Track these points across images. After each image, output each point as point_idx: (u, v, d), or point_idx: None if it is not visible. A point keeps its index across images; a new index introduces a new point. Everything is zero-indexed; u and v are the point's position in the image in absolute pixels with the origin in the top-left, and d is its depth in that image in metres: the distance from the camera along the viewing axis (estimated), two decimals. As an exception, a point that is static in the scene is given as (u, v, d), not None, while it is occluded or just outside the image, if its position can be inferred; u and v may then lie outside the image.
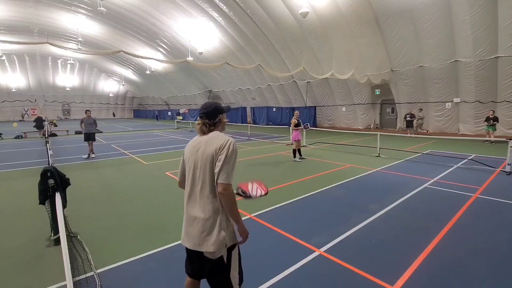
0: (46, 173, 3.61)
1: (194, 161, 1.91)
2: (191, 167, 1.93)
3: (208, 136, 1.92)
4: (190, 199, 1.95)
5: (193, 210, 1.91)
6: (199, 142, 1.94)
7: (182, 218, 5.22)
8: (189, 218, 1.94)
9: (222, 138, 1.85)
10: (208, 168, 1.83)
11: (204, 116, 1.96)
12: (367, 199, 5.38)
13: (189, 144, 2.03)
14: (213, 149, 1.82)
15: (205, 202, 1.85)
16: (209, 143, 1.86)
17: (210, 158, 1.82)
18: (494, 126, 12.86)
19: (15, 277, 3.01)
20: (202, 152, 1.87)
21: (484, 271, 3.01)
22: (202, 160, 1.85)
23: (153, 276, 2.98)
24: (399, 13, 14.13)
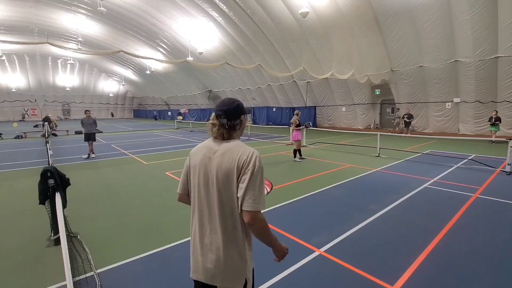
0: (46, 173, 3.61)
1: (205, 173, 1.52)
2: (201, 180, 1.54)
3: (226, 145, 1.52)
4: (200, 221, 1.55)
5: (205, 235, 1.52)
6: (213, 150, 1.53)
7: (182, 218, 5.23)
8: (200, 245, 1.54)
9: (245, 151, 1.47)
10: (227, 187, 1.45)
11: (223, 115, 1.55)
12: (367, 199, 5.38)
13: (197, 149, 1.63)
14: (234, 164, 1.44)
15: (223, 228, 1.47)
16: (227, 155, 1.47)
17: (230, 175, 1.44)
18: (497, 126, 12.85)
19: (15, 277, 3.01)
20: (217, 165, 1.48)
21: (484, 271, 3.01)
22: (219, 175, 1.46)
23: (153, 276, 2.98)
24: (399, 13, 14.13)
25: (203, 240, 1.52)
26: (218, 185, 1.47)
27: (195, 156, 1.62)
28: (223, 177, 1.45)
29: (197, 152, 1.61)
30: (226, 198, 1.46)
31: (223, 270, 1.48)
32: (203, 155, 1.56)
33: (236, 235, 1.48)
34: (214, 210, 1.49)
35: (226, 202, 1.46)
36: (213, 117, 1.61)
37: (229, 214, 1.47)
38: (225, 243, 1.47)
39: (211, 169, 1.50)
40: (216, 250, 1.48)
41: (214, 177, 1.48)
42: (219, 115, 1.55)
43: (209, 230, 1.51)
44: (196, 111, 37.84)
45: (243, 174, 1.42)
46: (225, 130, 1.55)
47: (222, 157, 1.48)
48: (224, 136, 1.55)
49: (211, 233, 1.50)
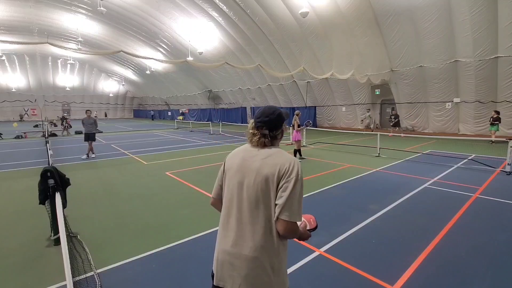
0: (46, 173, 3.61)
1: (242, 178, 1.47)
2: (237, 186, 1.48)
3: (268, 151, 1.49)
4: (229, 226, 1.48)
5: (235, 242, 1.44)
6: (253, 154, 1.50)
7: (182, 217, 5.23)
8: (227, 252, 1.45)
9: (287, 159, 1.44)
10: (265, 194, 1.41)
11: (265, 125, 1.51)
12: (367, 199, 5.38)
13: (235, 153, 1.60)
14: (275, 170, 1.40)
15: (255, 237, 1.40)
16: (268, 161, 1.44)
17: (269, 181, 1.40)
18: (496, 126, 12.85)
19: (15, 277, 3.01)
20: (257, 169, 1.44)
21: (484, 271, 3.01)
22: (257, 179, 1.42)
23: (153, 276, 2.98)
24: (399, 13, 14.12)
25: (230, 246, 1.45)
26: (255, 190, 1.42)
27: (231, 159, 1.58)
28: (262, 182, 1.41)
29: (234, 156, 1.59)
30: (262, 204, 1.41)
31: (251, 281, 1.39)
32: (242, 159, 1.52)
33: (268, 245, 1.40)
34: (245, 215, 1.43)
35: (262, 208, 1.41)
36: (252, 126, 1.57)
37: (262, 221, 1.40)
38: (255, 253, 1.39)
39: (249, 172, 1.46)
40: (244, 259, 1.40)
41: (252, 181, 1.44)
42: (261, 126, 1.52)
43: (239, 236, 1.43)
44: (196, 111, 37.85)
45: (285, 182, 1.38)
46: (266, 140, 1.52)
47: (263, 161, 1.45)
48: (265, 144, 1.53)
49: (240, 240, 1.42)
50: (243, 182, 1.46)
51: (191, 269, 3.10)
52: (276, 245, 1.42)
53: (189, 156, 10.60)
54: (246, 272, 1.39)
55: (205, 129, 23.35)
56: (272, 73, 19.39)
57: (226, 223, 1.50)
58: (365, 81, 17.99)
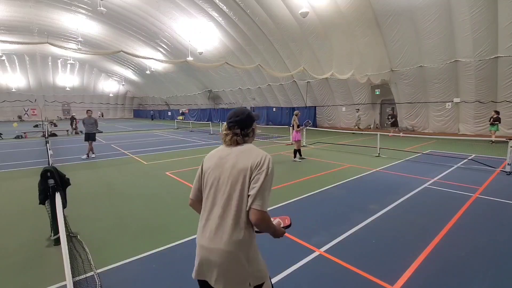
0: (46, 173, 3.61)
1: (219, 176, 1.56)
2: (214, 183, 1.57)
3: (240, 148, 1.61)
4: (207, 222, 1.55)
5: (211, 238, 1.51)
6: (228, 153, 1.60)
7: (182, 217, 5.24)
8: (205, 247, 1.52)
9: (259, 153, 1.55)
10: (239, 187, 1.49)
11: (236, 125, 1.62)
12: (367, 199, 5.38)
13: (212, 154, 1.69)
14: (248, 164, 1.50)
15: (228, 230, 1.47)
16: (242, 156, 1.54)
17: (242, 174, 1.49)
18: (496, 126, 12.84)
19: (15, 277, 3.01)
20: (231, 165, 1.53)
21: (484, 271, 3.01)
22: (233, 174, 1.51)
23: (153, 276, 2.98)
24: (399, 13, 14.12)
25: (207, 242, 1.52)
26: (229, 184, 1.51)
27: (209, 160, 1.66)
28: (235, 175, 1.50)
29: (211, 157, 1.67)
30: (235, 197, 1.49)
31: (225, 274, 1.47)
32: (218, 158, 1.62)
33: (241, 239, 1.48)
34: (220, 210, 1.51)
35: (236, 202, 1.49)
36: (225, 127, 1.67)
37: (235, 214, 1.48)
38: (229, 247, 1.46)
39: (225, 169, 1.55)
40: (220, 253, 1.47)
41: (227, 177, 1.53)
42: (232, 126, 1.63)
43: (214, 232, 1.50)
44: (196, 111, 37.86)
45: (256, 174, 1.48)
46: (238, 138, 1.63)
47: (237, 157, 1.56)
48: (237, 143, 1.63)
49: (215, 236, 1.50)
50: (219, 179, 1.56)
51: (191, 269, 3.09)
52: (248, 237, 1.50)
53: (189, 156, 10.60)
54: (222, 266, 1.46)
55: (205, 129, 23.35)
56: (272, 73, 19.39)
57: (204, 219, 1.58)
58: (365, 81, 17.99)
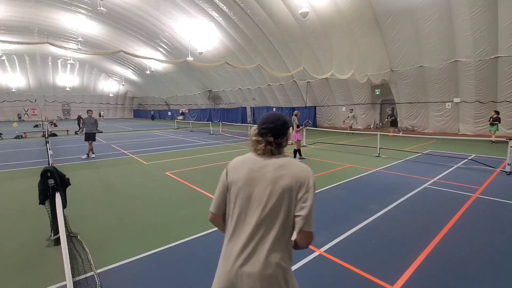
0: (46, 173, 3.61)
1: (252, 191, 1.39)
2: (245, 198, 1.39)
3: (278, 161, 1.42)
4: (238, 243, 1.37)
5: (246, 261, 1.33)
6: (262, 165, 1.42)
7: (182, 218, 5.23)
8: (239, 272, 1.33)
9: (302, 168, 1.40)
10: (284, 207, 1.34)
11: (269, 132, 1.44)
12: (367, 199, 5.38)
13: (238, 164, 1.48)
14: (293, 182, 1.35)
15: (268, 252, 1.33)
16: (283, 171, 1.38)
17: (288, 193, 1.34)
18: (496, 126, 12.83)
19: (15, 277, 3.01)
20: (271, 181, 1.37)
21: (484, 271, 3.01)
22: (273, 193, 1.35)
23: (153, 276, 2.98)
24: (399, 13, 14.13)
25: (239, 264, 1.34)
26: (273, 203, 1.35)
27: (236, 171, 1.45)
28: (280, 193, 1.35)
29: (238, 167, 1.46)
30: (279, 217, 1.35)
31: None
32: (249, 170, 1.42)
33: (283, 259, 1.37)
34: (259, 231, 1.35)
35: (279, 221, 1.35)
36: (255, 133, 1.50)
37: (278, 235, 1.35)
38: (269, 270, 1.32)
39: (262, 184, 1.37)
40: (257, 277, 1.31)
41: (266, 194, 1.36)
42: (265, 133, 1.45)
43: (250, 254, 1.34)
44: (196, 111, 37.86)
45: (304, 193, 1.35)
46: (273, 148, 1.45)
47: (277, 172, 1.38)
48: (272, 153, 1.45)
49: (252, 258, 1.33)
50: (255, 195, 1.38)
51: (191, 269, 3.10)
52: (289, 259, 1.40)
53: (189, 156, 10.60)
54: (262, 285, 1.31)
55: (205, 129, 23.35)
56: (272, 73, 19.39)
57: (234, 240, 1.39)
58: (365, 81, 17.98)
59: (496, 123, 12.83)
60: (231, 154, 10.85)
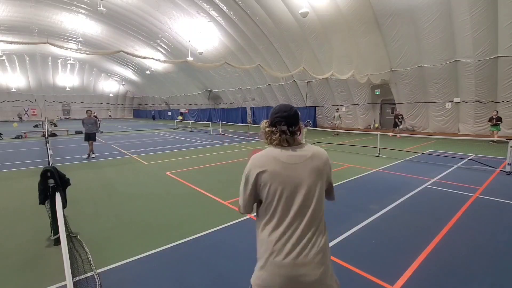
0: (46, 173, 3.61)
1: (289, 183, 1.43)
2: (283, 192, 1.43)
3: (304, 150, 1.49)
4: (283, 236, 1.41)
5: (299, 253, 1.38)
6: (293, 158, 1.46)
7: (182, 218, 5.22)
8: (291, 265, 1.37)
9: (324, 152, 1.55)
10: (318, 191, 1.46)
11: (283, 121, 1.48)
12: (367, 199, 5.38)
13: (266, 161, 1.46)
14: (321, 164, 1.48)
15: (315, 240, 1.43)
16: (316, 158, 1.49)
17: (320, 178, 1.48)
18: (497, 126, 12.81)
19: (15, 277, 3.01)
20: (310, 169, 1.45)
21: (484, 271, 3.01)
22: (312, 178, 1.44)
23: (153, 276, 2.98)
24: (399, 13, 14.13)
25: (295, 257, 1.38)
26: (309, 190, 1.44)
27: (267, 171, 1.44)
28: (314, 180, 1.45)
29: (265, 164, 1.45)
30: (318, 201, 1.47)
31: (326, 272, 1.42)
32: (282, 165, 1.44)
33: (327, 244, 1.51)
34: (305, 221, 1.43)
35: (321, 206, 1.50)
36: (265, 124, 1.56)
37: (321, 221, 1.50)
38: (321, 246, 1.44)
39: (303, 176, 1.44)
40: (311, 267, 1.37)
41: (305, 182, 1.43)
42: (279, 122, 1.49)
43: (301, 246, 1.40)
44: (196, 111, 37.86)
45: (329, 169, 1.56)
46: (288, 136, 1.48)
47: (312, 160, 1.47)
48: (289, 142, 1.49)
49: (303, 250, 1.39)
50: (299, 188, 1.43)
51: (191, 269, 3.10)
52: (328, 242, 1.54)
53: (189, 156, 10.60)
54: (317, 282, 1.37)
55: (205, 129, 23.35)
56: (272, 73, 19.38)
57: (280, 235, 1.41)
58: (365, 81, 17.98)
59: (499, 123, 12.79)
60: (231, 154, 10.86)
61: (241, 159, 9.83)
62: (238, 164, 8.93)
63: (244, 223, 4.31)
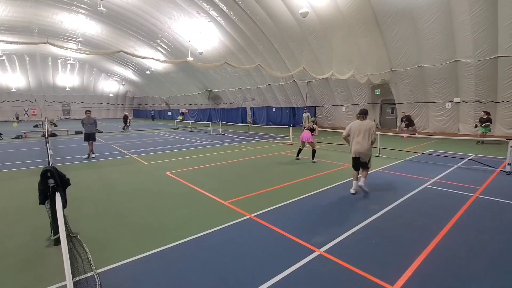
0: (46, 173, 3.61)
1: (359, 129, 5.49)
2: (359, 130, 5.49)
3: (365, 122, 5.53)
4: (358, 139, 5.48)
5: (361, 146, 5.46)
6: (361, 122, 5.53)
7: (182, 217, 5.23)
8: (359, 149, 5.49)
9: (371, 122, 5.54)
10: (368, 132, 5.44)
11: (364, 114, 5.64)
12: (367, 199, 5.38)
13: (354, 124, 5.62)
14: (369, 126, 5.46)
15: (367, 143, 5.46)
16: (367, 123, 5.52)
17: (368, 129, 5.45)
18: (487, 128, 12.60)
19: (15, 277, 3.01)
20: (365, 127, 5.48)
21: (484, 271, 3.01)
22: (363, 130, 5.46)
23: (153, 276, 2.98)
24: (399, 13, 14.13)
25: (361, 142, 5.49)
26: (365, 131, 5.48)
27: (353, 125, 5.63)
28: (366, 129, 5.48)
29: (354, 124, 5.64)
30: (368, 134, 5.47)
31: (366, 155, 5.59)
32: (359, 124, 5.56)
33: (370, 146, 5.56)
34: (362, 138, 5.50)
35: (367, 136, 5.47)
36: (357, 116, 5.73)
37: (368, 139, 5.49)
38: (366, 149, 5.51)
39: (362, 127, 5.50)
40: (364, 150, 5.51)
41: (363, 129, 5.49)
42: (362, 114, 5.65)
43: (362, 141, 5.48)
44: (196, 111, 37.86)
45: (371, 128, 5.48)
46: (363, 116, 5.64)
47: (366, 123, 5.53)
48: (363, 118, 5.62)
49: (363, 143, 5.48)
50: (361, 129, 5.50)
51: (191, 269, 3.10)
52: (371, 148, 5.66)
53: (189, 156, 10.60)
54: (364, 152, 5.53)
55: (205, 129, 23.35)
56: (272, 73, 19.37)
57: (354, 141, 5.57)
58: (365, 81, 17.99)
59: (488, 124, 12.53)
60: (231, 154, 10.86)
61: (241, 159, 9.83)
62: (238, 164, 8.93)
63: (244, 223, 4.31)
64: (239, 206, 5.02)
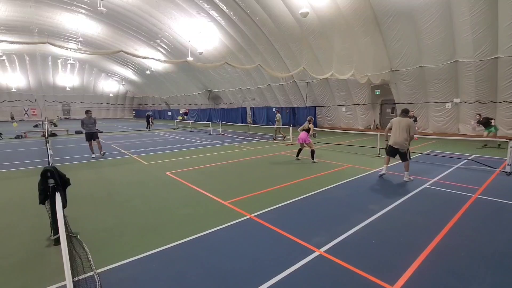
0: (46, 173, 3.61)
1: (399, 124, 6.57)
2: (397, 125, 6.59)
3: (404, 119, 6.62)
4: (395, 135, 6.64)
5: (397, 138, 6.57)
6: (401, 119, 6.63)
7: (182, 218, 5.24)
8: (396, 140, 6.61)
9: (409, 120, 6.61)
10: (406, 128, 6.48)
11: (405, 113, 6.71)
12: (367, 199, 5.38)
13: (396, 119, 6.75)
14: (407, 123, 6.51)
15: (404, 136, 6.51)
16: (405, 120, 6.58)
17: (407, 126, 6.49)
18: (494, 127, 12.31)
19: (15, 277, 3.01)
20: (403, 123, 6.54)
21: (484, 271, 3.01)
22: (402, 125, 6.53)
23: (153, 276, 2.98)
24: (399, 13, 14.13)
25: (397, 134, 6.59)
26: (403, 127, 6.53)
27: (395, 121, 6.74)
28: (403, 125, 6.53)
29: (396, 120, 6.75)
30: (405, 130, 6.50)
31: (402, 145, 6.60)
32: (398, 120, 6.67)
33: (407, 139, 6.57)
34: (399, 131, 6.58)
35: (405, 131, 6.51)
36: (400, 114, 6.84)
37: (406, 134, 6.51)
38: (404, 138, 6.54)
39: (400, 124, 6.58)
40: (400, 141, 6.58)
41: (400, 125, 6.58)
42: (405, 112, 6.76)
43: (399, 135, 6.57)
44: (196, 111, 37.84)
45: (409, 125, 6.52)
46: (404, 114, 6.73)
47: (404, 120, 6.60)
48: (403, 116, 6.71)
49: (400, 135, 6.56)
50: (400, 125, 6.57)
51: (191, 269, 3.10)
52: (408, 141, 6.64)
53: (189, 156, 10.60)
54: (401, 144, 6.57)
55: (205, 129, 23.35)
56: (272, 73, 19.37)
57: (393, 134, 6.70)
58: (365, 81, 17.98)
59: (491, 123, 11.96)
60: (231, 154, 10.85)
61: (241, 159, 9.83)
62: (238, 164, 8.93)
63: (244, 223, 4.31)
64: (239, 206, 5.02)
